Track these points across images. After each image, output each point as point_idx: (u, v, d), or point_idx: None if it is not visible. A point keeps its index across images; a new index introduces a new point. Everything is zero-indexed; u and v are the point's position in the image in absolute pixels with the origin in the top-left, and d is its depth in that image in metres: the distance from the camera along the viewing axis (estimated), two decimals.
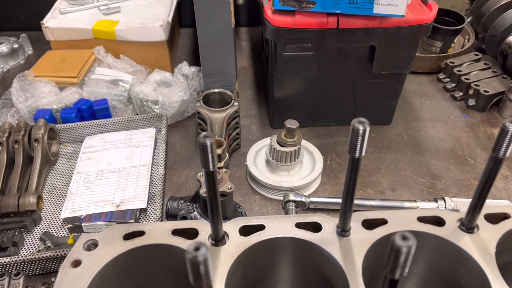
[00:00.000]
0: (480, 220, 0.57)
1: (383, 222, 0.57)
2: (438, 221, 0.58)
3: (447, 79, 1.62)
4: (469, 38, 1.74)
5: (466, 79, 1.54)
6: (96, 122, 1.31)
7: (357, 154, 0.49)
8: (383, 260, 0.57)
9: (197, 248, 0.34)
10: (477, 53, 1.65)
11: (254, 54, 1.79)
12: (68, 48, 1.49)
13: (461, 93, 1.55)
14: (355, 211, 0.55)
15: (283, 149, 1.17)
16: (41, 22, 1.47)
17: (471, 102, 1.51)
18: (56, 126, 1.29)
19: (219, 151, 1.12)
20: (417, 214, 0.58)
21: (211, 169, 0.48)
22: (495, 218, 0.57)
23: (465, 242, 0.55)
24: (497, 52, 1.61)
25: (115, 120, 1.32)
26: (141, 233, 0.57)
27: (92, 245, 0.56)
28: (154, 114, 1.33)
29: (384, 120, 1.45)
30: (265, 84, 1.54)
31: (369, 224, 0.57)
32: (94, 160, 1.23)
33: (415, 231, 0.56)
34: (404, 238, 0.35)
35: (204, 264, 0.35)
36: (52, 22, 1.49)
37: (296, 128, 1.17)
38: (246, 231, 0.57)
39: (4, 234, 1.04)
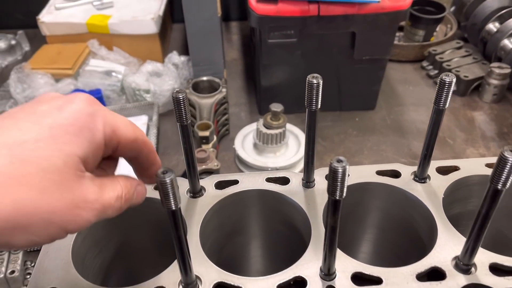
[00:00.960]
0: (433, 172, 0.63)
1: None
2: (395, 174, 0.63)
3: (430, 67, 1.68)
4: (452, 27, 1.79)
5: (447, 65, 1.60)
6: None
7: (313, 107, 0.55)
8: (345, 206, 0.62)
9: (165, 172, 0.40)
10: (459, 41, 1.71)
11: (244, 47, 1.85)
12: (63, 42, 1.55)
13: None
14: None
15: (268, 131, 1.22)
16: (36, 17, 1.54)
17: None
18: None
19: (206, 133, 1.18)
20: (376, 168, 0.63)
21: (185, 123, 0.54)
22: (446, 171, 0.63)
23: (418, 190, 0.60)
24: (478, 39, 1.67)
25: (108, 108, 1.37)
26: None
27: None
28: (146, 102, 1.39)
29: (368, 105, 1.50)
30: (254, 73, 1.60)
31: None
32: None
33: (373, 182, 0.62)
34: (339, 161, 0.40)
35: (171, 185, 0.40)
36: (47, 17, 1.55)
37: (281, 111, 1.22)
38: (221, 185, 0.63)
39: None
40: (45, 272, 0.52)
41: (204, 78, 1.36)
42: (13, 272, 0.95)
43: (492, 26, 1.60)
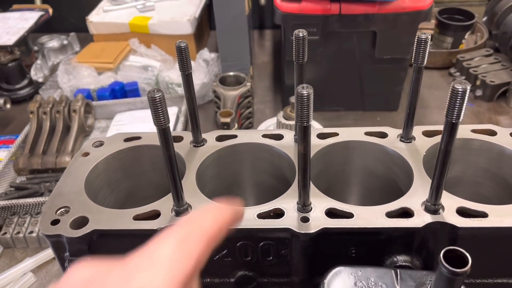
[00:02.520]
0: (419, 135, 0.66)
1: (335, 134, 0.68)
2: (382, 135, 0.67)
3: (458, 73, 1.69)
4: (482, 36, 1.80)
5: (474, 71, 1.60)
6: (126, 100, 1.48)
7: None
8: (333, 166, 0.68)
9: (157, 91, 0.47)
10: (488, 49, 1.71)
11: (275, 52, 1.94)
12: (108, 40, 1.70)
13: (470, 85, 1.61)
14: None
15: (287, 122, 1.28)
16: (86, 17, 1.70)
17: (478, 92, 1.57)
18: (92, 102, 1.48)
19: (227, 119, 1.25)
20: (365, 130, 0.68)
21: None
22: (432, 135, 0.67)
23: (401, 148, 0.64)
24: (508, 47, 1.66)
25: (143, 99, 1.49)
26: (138, 138, 0.71)
27: (99, 144, 0.70)
28: (177, 95, 1.49)
29: (391, 106, 1.53)
30: (280, 74, 1.67)
31: (323, 135, 0.68)
32: (122, 131, 1.40)
33: (362, 140, 0.66)
34: (303, 87, 0.46)
35: (161, 103, 0.47)
36: (95, 18, 1.71)
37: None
38: (221, 139, 0.70)
39: (43, 184, 1.21)
40: (61, 195, 0.61)
41: (231, 73, 1.45)
42: (31, 232, 1.06)
43: None
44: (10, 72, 1.63)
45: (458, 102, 0.45)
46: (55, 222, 0.56)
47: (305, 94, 0.46)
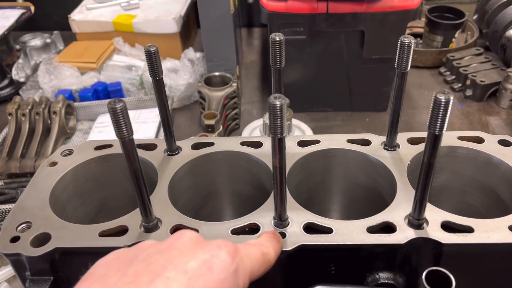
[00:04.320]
0: (403, 142, 0.64)
1: (316, 142, 0.65)
2: (365, 143, 0.64)
3: (448, 72, 1.66)
4: (473, 34, 1.77)
5: (464, 70, 1.58)
6: (109, 101, 1.44)
7: (278, 65, 0.58)
8: (314, 175, 0.64)
9: (118, 101, 0.44)
10: (479, 48, 1.69)
11: (263, 50, 1.90)
12: (91, 39, 1.66)
13: (460, 84, 1.58)
14: None
15: None
16: (68, 15, 1.65)
17: (469, 92, 1.55)
18: (74, 103, 1.44)
19: (212, 122, 1.22)
20: (347, 137, 0.65)
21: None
22: (417, 142, 0.64)
23: (385, 157, 0.61)
24: (498, 46, 1.64)
25: (126, 99, 1.45)
26: (109, 146, 0.67)
27: (68, 153, 0.66)
28: None
29: (379, 106, 1.50)
30: (268, 74, 1.64)
31: (304, 143, 0.65)
32: (105, 133, 1.36)
33: (343, 148, 0.63)
34: (276, 97, 0.43)
35: (122, 114, 0.44)
36: (78, 16, 1.66)
37: (287, 104, 1.25)
38: (197, 147, 0.66)
39: (20, 189, 1.17)
40: (23, 209, 0.57)
41: (217, 73, 1.41)
42: None
43: None
44: None
45: (441, 113, 0.42)
46: (15, 239, 0.52)
47: (278, 105, 0.43)
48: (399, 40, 0.54)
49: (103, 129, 1.38)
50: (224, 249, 0.38)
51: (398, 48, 0.55)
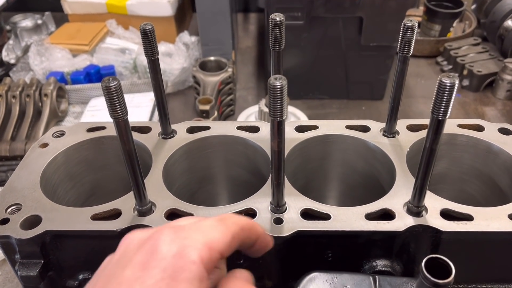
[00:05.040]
0: (403, 129, 0.63)
1: (315, 128, 0.63)
2: (364, 129, 0.63)
3: (445, 62, 1.65)
4: (471, 24, 1.76)
5: (461, 60, 1.57)
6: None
7: (277, 47, 0.56)
8: (311, 161, 0.63)
9: (112, 79, 0.42)
10: (476, 38, 1.68)
11: (260, 36, 1.88)
12: (83, 21, 1.62)
13: (457, 74, 1.57)
14: None
15: None
16: None
17: (465, 82, 1.54)
18: (66, 86, 1.41)
19: (207, 107, 1.20)
20: (346, 123, 0.64)
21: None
22: (416, 129, 0.63)
23: (384, 143, 0.60)
24: (496, 37, 1.63)
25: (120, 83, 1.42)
26: (102, 128, 0.65)
27: (59, 135, 0.64)
28: None
29: (376, 95, 1.49)
30: (265, 59, 1.61)
31: (302, 129, 0.63)
32: (97, 117, 1.34)
33: (342, 134, 0.62)
34: (276, 78, 0.41)
35: (117, 93, 0.42)
36: None
37: None
38: (193, 130, 0.65)
39: (10, 172, 1.15)
40: (13, 190, 0.56)
41: (212, 58, 1.39)
42: None
43: (511, 23, 1.56)
44: None
45: (445, 97, 0.41)
46: (4, 221, 0.51)
47: (278, 86, 0.41)
48: (403, 23, 0.53)
49: (95, 113, 1.36)
50: (160, 235, 0.37)
51: (401, 32, 0.54)
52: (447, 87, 0.40)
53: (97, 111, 1.36)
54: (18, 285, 0.98)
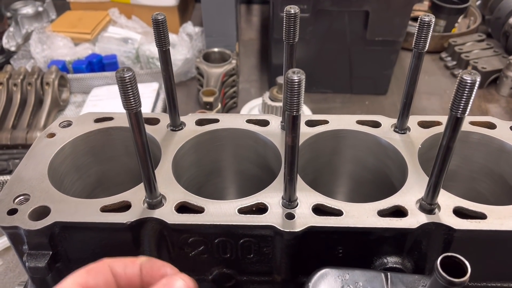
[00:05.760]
0: (414, 126, 0.62)
1: (325, 122, 0.63)
2: (375, 125, 0.63)
3: (449, 58, 1.65)
4: (475, 20, 1.75)
5: (466, 56, 1.56)
6: (104, 74, 1.40)
7: (291, 40, 0.55)
8: (321, 156, 0.63)
9: (126, 70, 0.41)
10: (481, 34, 1.67)
11: (262, 28, 1.86)
12: (86, 9, 1.60)
13: (460, 70, 1.57)
14: None
15: (273, 103, 1.23)
16: None
17: None
18: (68, 75, 1.39)
19: (211, 99, 1.19)
20: (357, 118, 0.63)
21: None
22: (428, 126, 0.62)
23: (395, 139, 0.59)
24: (501, 33, 1.63)
25: None
26: (110, 118, 0.65)
27: (67, 125, 0.64)
28: (158, 70, 1.41)
29: (379, 90, 1.49)
30: (268, 52, 1.60)
31: (312, 123, 0.63)
32: (99, 107, 1.33)
33: (354, 130, 0.62)
34: (294, 72, 0.40)
35: (131, 83, 0.41)
36: None
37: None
38: (202, 123, 0.64)
39: (11, 160, 1.14)
40: (21, 180, 0.55)
41: (216, 50, 1.38)
42: None
43: None
44: None
45: (465, 94, 0.40)
46: (12, 211, 0.50)
47: (296, 80, 0.40)
48: (419, 18, 0.52)
49: (97, 103, 1.35)
50: None
51: (417, 26, 0.53)
52: (468, 84, 0.40)
53: (99, 100, 1.35)
54: (20, 275, 0.97)
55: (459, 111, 0.42)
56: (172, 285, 0.40)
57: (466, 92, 0.40)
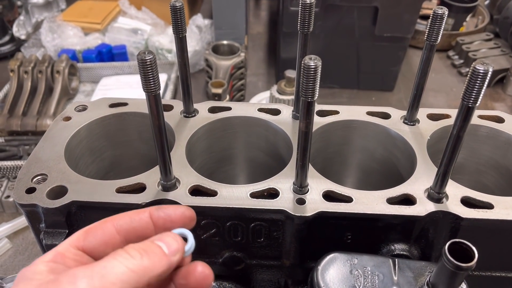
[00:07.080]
0: (423, 118, 0.63)
1: (335, 113, 0.64)
2: (385, 116, 0.64)
3: (456, 56, 1.65)
4: (484, 19, 1.76)
5: (473, 55, 1.57)
6: (113, 64, 1.41)
7: (306, 29, 0.56)
8: (331, 146, 0.64)
9: (148, 52, 0.42)
10: (489, 33, 1.67)
11: (270, 23, 1.87)
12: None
13: (467, 69, 1.57)
14: None
15: (281, 97, 1.24)
16: None
17: None
18: (78, 64, 1.41)
19: (219, 90, 1.20)
20: (367, 109, 0.64)
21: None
22: (437, 118, 0.63)
23: (405, 131, 0.60)
24: (508, 33, 1.63)
25: (131, 63, 1.42)
26: (124, 104, 0.66)
27: (82, 109, 0.65)
28: (167, 62, 1.43)
29: (386, 86, 1.49)
30: (276, 46, 1.61)
31: (323, 113, 0.64)
32: (108, 96, 1.34)
33: (365, 121, 0.63)
34: (311, 58, 0.41)
35: (151, 66, 0.43)
36: None
37: (295, 77, 1.24)
38: (214, 110, 0.65)
39: (21, 146, 1.15)
40: (38, 161, 0.56)
41: (225, 42, 1.39)
42: (8, 197, 1.02)
43: None
44: None
45: (477, 84, 0.41)
46: (30, 190, 0.52)
47: (313, 66, 0.42)
48: (432, 10, 0.53)
49: (106, 92, 1.36)
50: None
51: (430, 19, 0.54)
52: (480, 73, 0.41)
53: (108, 90, 1.37)
54: (29, 258, 0.99)
55: (471, 101, 0.43)
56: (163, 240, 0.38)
57: (478, 82, 0.41)
